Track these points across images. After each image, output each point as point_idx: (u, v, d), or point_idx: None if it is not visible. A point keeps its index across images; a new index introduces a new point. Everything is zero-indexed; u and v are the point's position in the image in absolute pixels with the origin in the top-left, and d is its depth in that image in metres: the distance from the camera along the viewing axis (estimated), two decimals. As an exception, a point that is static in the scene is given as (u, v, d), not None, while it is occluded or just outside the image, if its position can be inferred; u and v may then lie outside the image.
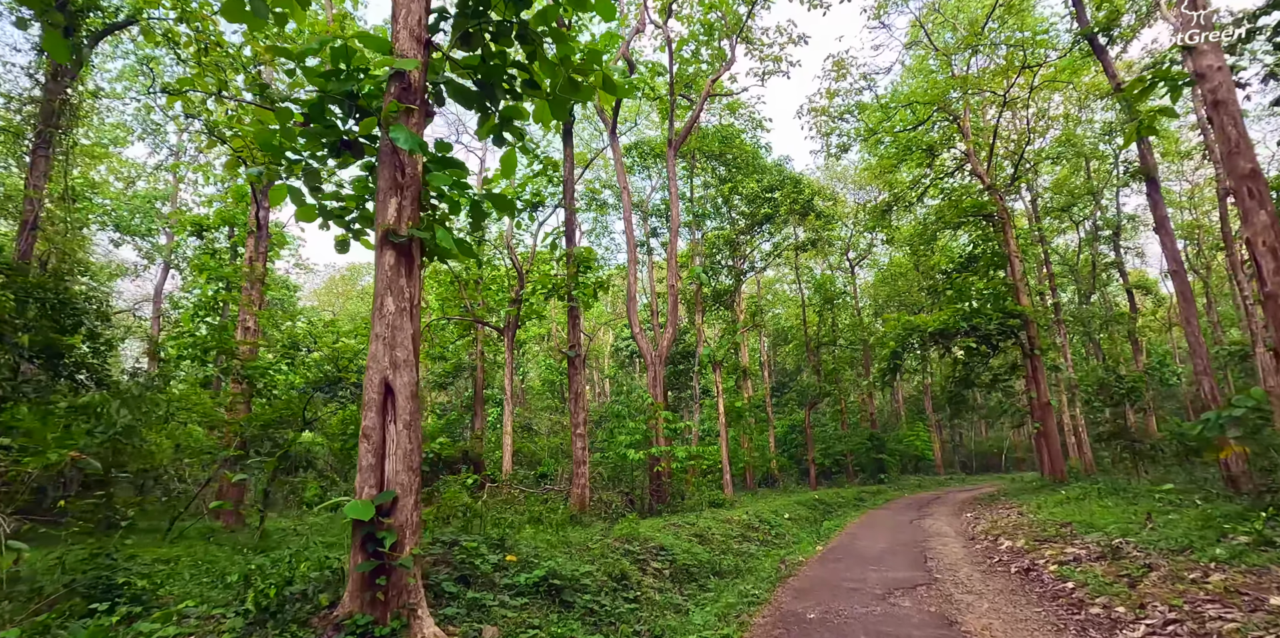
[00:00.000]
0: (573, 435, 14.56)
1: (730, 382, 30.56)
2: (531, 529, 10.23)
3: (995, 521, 13.83)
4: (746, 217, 27.17)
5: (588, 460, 14.47)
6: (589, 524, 12.84)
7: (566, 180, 16.15)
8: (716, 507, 16.32)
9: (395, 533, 4.51)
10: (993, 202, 21.43)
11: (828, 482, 36.89)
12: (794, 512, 17.88)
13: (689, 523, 12.36)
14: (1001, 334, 19.20)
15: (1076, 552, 8.22)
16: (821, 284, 32.70)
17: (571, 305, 15.14)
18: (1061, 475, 19.97)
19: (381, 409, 4.81)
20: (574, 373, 14.85)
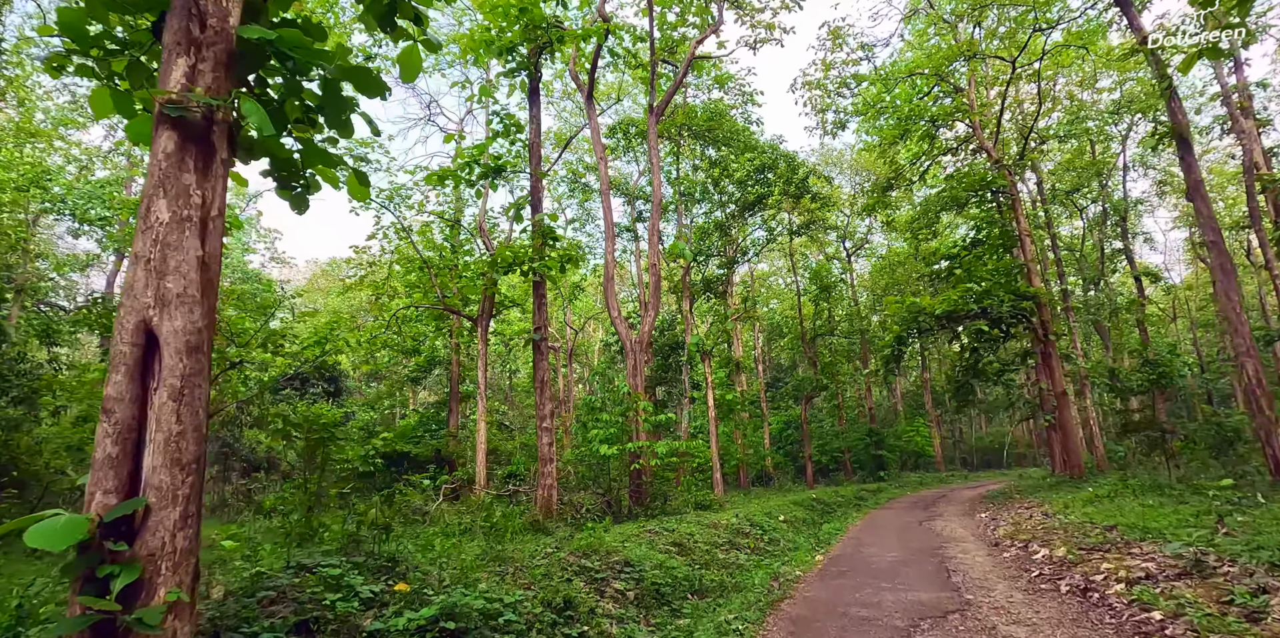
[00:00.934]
0: (538, 430, 12.82)
1: (721, 374, 28.87)
2: (471, 542, 8.50)
3: (1017, 522, 12.16)
4: (737, 202, 25.46)
5: (555, 459, 12.73)
6: (553, 531, 11.11)
7: (532, 143, 14.41)
8: (703, 509, 14.61)
9: (136, 567, 2.75)
10: (1002, 176, 19.79)
11: (825, 480, 35.28)
12: (790, 513, 16.19)
13: (668, 529, 10.65)
14: (1013, 318, 17.56)
15: (1144, 566, 6.53)
16: (818, 272, 31.03)
17: (536, 282, 13.40)
18: (1079, 471, 18.36)
19: (138, 370, 3.05)
20: (539, 359, 13.11)
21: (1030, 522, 11.88)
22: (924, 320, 16.94)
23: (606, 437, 13.39)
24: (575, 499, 13.05)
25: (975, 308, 16.81)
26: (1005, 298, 17.53)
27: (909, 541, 11.49)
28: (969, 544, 10.63)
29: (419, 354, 26.76)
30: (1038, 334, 19.33)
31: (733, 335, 34.24)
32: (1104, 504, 11.90)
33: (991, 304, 16.92)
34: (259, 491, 23.14)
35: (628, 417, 13.72)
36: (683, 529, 10.89)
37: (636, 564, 7.61)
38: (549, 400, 12.97)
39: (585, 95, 17.23)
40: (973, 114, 21.84)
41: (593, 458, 13.10)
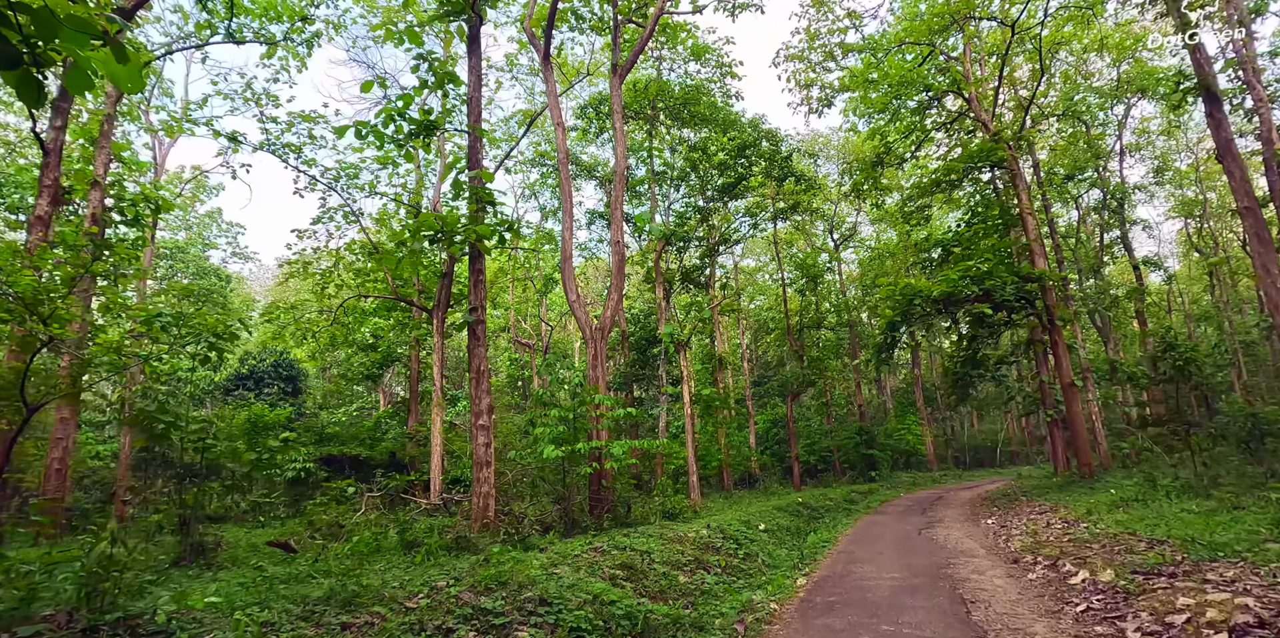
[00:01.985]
0: (472, 428, 10.90)
1: (699, 367, 27.04)
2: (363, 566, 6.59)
3: (1034, 531, 10.39)
4: (717, 188, 23.60)
5: (493, 462, 10.81)
6: (482, 549, 9.20)
7: (471, 97, 12.49)
8: (671, 518, 12.75)
9: None
10: (1001, 149, 18.10)
11: (813, 481, 33.52)
12: (772, 521, 14.36)
13: (620, 546, 8.77)
14: (1017, 302, 15.87)
15: (1241, 601, 4.73)
16: (804, 262, 29.27)
17: (472, 255, 11.49)
18: (1090, 470, 16.68)
19: None
20: (474, 345, 11.19)
21: (1050, 531, 10.11)
22: (920, 304, 15.19)
23: (555, 436, 11.49)
24: (518, 509, 11.13)
25: (977, 290, 15.09)
26: (1008, 280, 15.82)
27: (910, 555, 9.67)
28: (982, 561, 8.82)
29: (375, 350, 24.72)
30: (1042, 321, 17.66)
31: (715, 329, 32.46)
32: (1136, 510, 10.15)
33: (994, 286, 15.21)
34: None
35: (580, 412, 11.83)
36: (639, 545, 9.02)
37: (556, 602, 5.72)
38: (486, 394, 11.05)
39: (542, 56, 15.35)
40: (968, 86, 20.18)
41: (542, 461, 11.19)
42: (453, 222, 10.49)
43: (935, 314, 15.46)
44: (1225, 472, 12.24)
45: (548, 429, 11.40)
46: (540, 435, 11.30)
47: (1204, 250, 40.99)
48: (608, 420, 12.65)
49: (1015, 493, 17.67)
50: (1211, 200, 39.67)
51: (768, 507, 16.46)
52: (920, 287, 15.16)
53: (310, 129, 21.20)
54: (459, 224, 10.46)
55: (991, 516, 14.19)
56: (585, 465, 11.35)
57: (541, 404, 11.85)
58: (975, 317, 16.97)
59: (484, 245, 10.92)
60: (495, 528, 10.27)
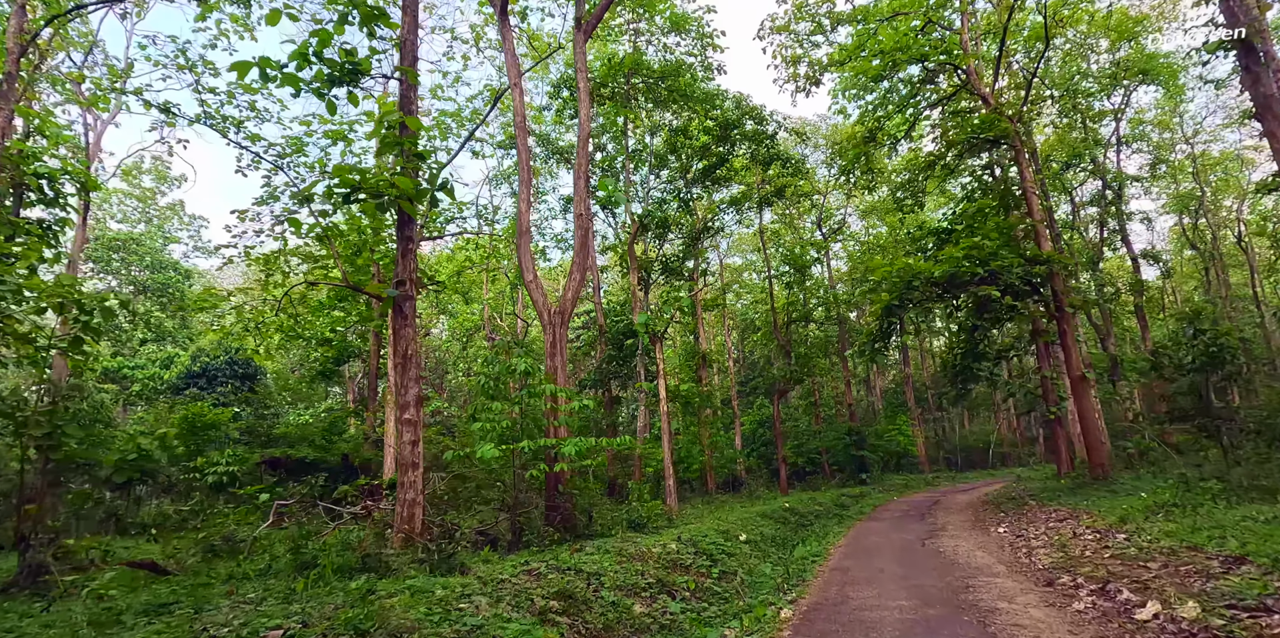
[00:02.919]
0: (397, 424, 9.15)
1: (677, 360, 25.40)
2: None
3: (1061, 543, 8.81)
4: (696, 171, 21.95)
5: (421, 463, 9.06)
6: (397, 570, 7.46)
7: (405, 40, 10.77)
8: (638, 529, 11.05)
9: None
10: (1004, 122, 16.62)
11: (801, 483, 31.94)
12: (755, 529, 12.71)
13: (563, 567, 7.08)
14: (1025, 285, 14.38)
15: None
16: (792, 251, 27.70)
17: (400, 219, 9.77)
18: (1104, 470, 15.18)
19: None
20: (401, 325, 9.45)
21: (1081, 543, 8.52)
22: (920, 287, 13.63)
23: (499, 433, 9.77)
24: (451, 521, 9.38)
25: (982, 272, 13.57)
26: (1015, 262, 14.31)
27: (917, 574, 8.04)
28: (1006, 581, 7.20)
29: (330, 345, 22.81)
30: (1049, 308, 16.18)
31: (699, 325, 30.86)
32: (1182, 517, 8.58)
33: (1000, 267, 13.70)
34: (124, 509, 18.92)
35: (529, 405, 10.12)
36: (588, 565, 7.32)
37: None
38: (415, 383, 9.30)
39: (499, 10, 13.70)
40: (965, 57, 18.73)
41: (480, 463, 9.46)
42: (375, 178, 8.73)
43: (936, 299, 13.90)
44: (1267, 472, 10.74)
45: (490, 425, 9.67)
46: (480, 432, 9.57)
47: (1199, 246, 39.99)
48: (565, 417, 10.93)
49: (1021, 496, 16.15)
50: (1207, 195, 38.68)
51: (751, 513, 14.81)
52: (920, 268, 13.61)
53: (253, 101, 19.44)
54: (380, 180, 8.72)
55: (1001, 522, 12.62)
56: (536, 468, 9.62)
57: (487, 396, 10.13)
58: (978, 302, 15.44)
59: (409, 206, 9.18)
60: (420, 543, 8.51)
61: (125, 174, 47.19)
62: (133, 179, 46.97)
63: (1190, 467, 14.11)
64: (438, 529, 9.09)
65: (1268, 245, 44.14)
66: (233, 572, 7.92)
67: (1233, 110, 37.62)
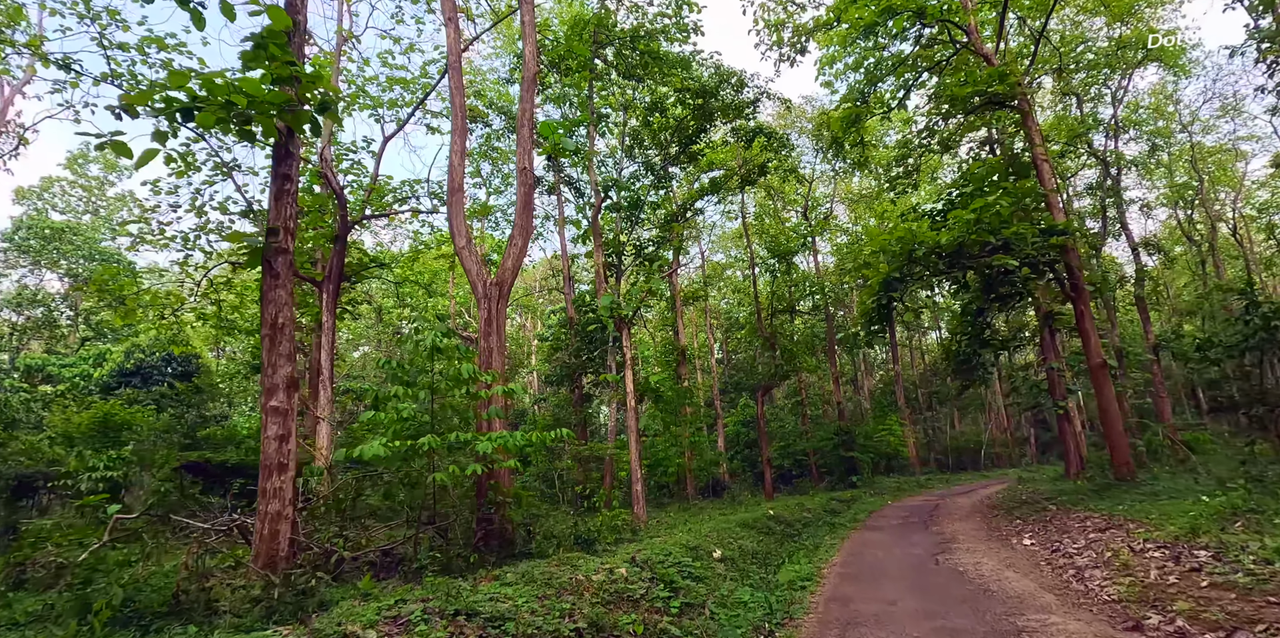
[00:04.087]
0: (262, 413, 7.00)
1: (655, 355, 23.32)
2: None
3: (1121, 563, 6.83)
4: (672, 146, 19.95)
5: (292, 465, 6.90)
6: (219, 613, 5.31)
7: (291, -63, 8.66)
8: (588, 546, 8.93)
9: None
10: (1010, 83, 14.78)
11: (788, 487, 29.98)
12: (733, 543, 10.68)
13: (459, 608, 4.97)
14: (1041, 256, 12.49)
15: None
16: (776, 238, 25.76)
17: (277, 155, 7.64)
18: (1130, 469, 13.31)
19: None
20: (271, 286, 7.29)
21: (1148, 562, 6.54)
22: (923, 258, 11.67)
23: (399, 427, 7.65)
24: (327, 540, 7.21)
25: (994, 240, 11.68)
26: (1029, 231, 12.44)
27: (941, 608, 6.01)
28: (1069, 622, 5.19)
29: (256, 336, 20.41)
30: (1064, 287, 14.34)
31: (678, 319, 28.87)
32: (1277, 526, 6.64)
33: (1014, 236, 11.82)
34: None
35: (442, 391, 8.00)
36: (493, 604, 5.22)
37: None
38: (287, 361, 7.15)
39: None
40: (966, 14, 16.93)
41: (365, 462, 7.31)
42: (254, 91, 6.53)
43: (941, 272, 11.96)
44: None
45: (390, 416, 7.53)
46: (368, 425, 7.46)
47: (1195, 238, 38.69)
48: (495, 408, 8.82)
49: (1035, 500, 14.24)
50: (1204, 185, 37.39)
51: (730, 522, 12.75)
52: (924, 236, 11.70)
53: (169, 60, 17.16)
54: (230, 89, 6.55)
55: (1023, 532, 10.67)
56: (445, 470, 7.48)
57: (398, 381, 7.99)
58: (987, 280, 13.56)
59: (267, 122, 7.00)
60: (283, 572, 6.35)
61: (71, 163, 44.48)
62: (78, 167, 44.26)
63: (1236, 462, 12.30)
64: (313, 552, 6.92)
65: (1263, 239, 43.16)
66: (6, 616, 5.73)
67: (1227, 99, 36.63)
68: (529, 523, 9.47)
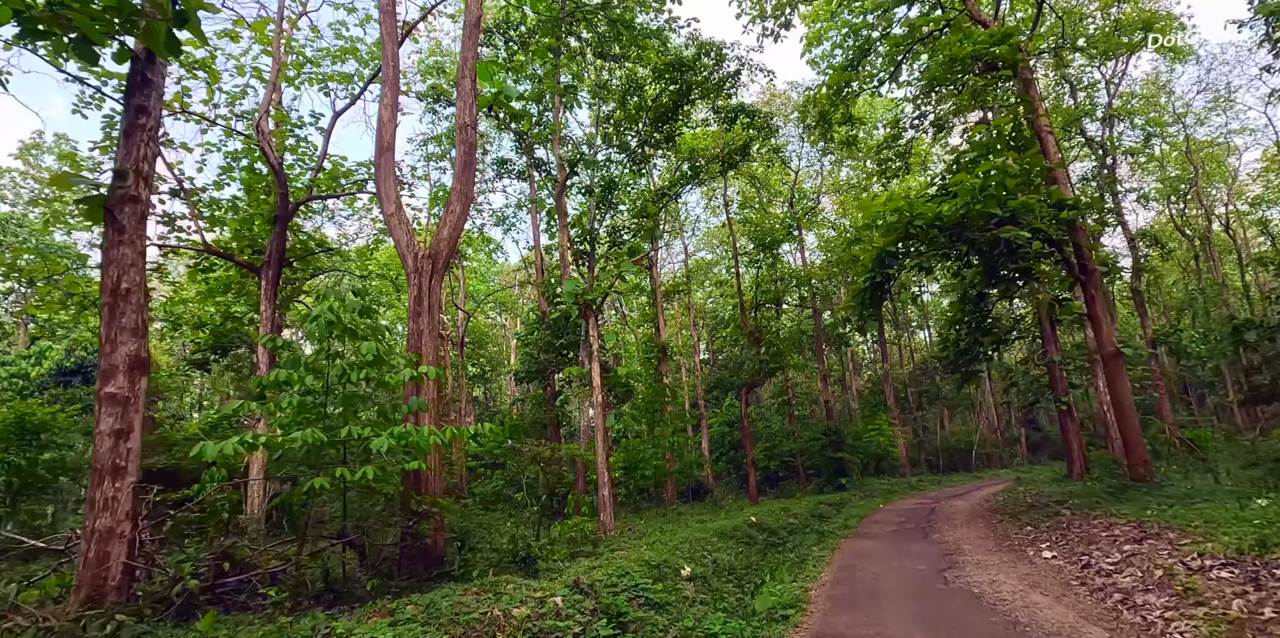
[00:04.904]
0: (97, 401, 5.48)
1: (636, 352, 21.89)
2: None
3: (1186, 589, 5.46)
4: (646, 124, 18.50)
5: (133, 467, 5.39)
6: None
7: None
8: (525, 566, 7.42)
9: None
10: (1010, 48, 13.51)
11: (774, 490, 28.60)
12: (706, 556, 9.24)
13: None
14: (1054, 227, 11.19)
15: None
16: (760, 226, 24.42)
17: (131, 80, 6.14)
18: (1148, 469, 12.05)
19: None
20: (115, 242, 5.74)
21: (1217, 584, 5.18)
22: (922, 231, 10.32)
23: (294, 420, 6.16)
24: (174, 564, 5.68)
25: (1001, 212, 10.37)
26: (1037, 204, 11.16)
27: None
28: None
29: (203, 329, 18.74)
30: (1073, 268, 13.08)
31: (659, 315, 27.45)
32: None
33: (1023, 207, 10.52)
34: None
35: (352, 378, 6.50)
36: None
37: None
38: (131, 337, 5.63)
39: None
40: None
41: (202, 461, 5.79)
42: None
43: (942, 248, 10.59)
44: None
45: (271, 408, 6.02)
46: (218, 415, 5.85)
47: (1189, 233, 37.88)
48: (420, 401, 7.32)
49: (1043, 503, 12.92)
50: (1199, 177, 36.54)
51: (708, 531, 11.32)
52: (923, 207, 10.35)
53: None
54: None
55: (1038, 542, 9.32)
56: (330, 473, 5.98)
57: (301, 366, 6.49)
58: (988, 263, 12.25)
59: (90, 26, 5.48)
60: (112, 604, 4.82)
61: (23, 153, 42.38)
62: (31, 158, 42.18)
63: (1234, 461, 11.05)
64: (159, 579, 5.39)
65: (1256, 233, 42.51)
66: None
67: (1219, 90, 35.87)
68: (461, 537, 7.97)
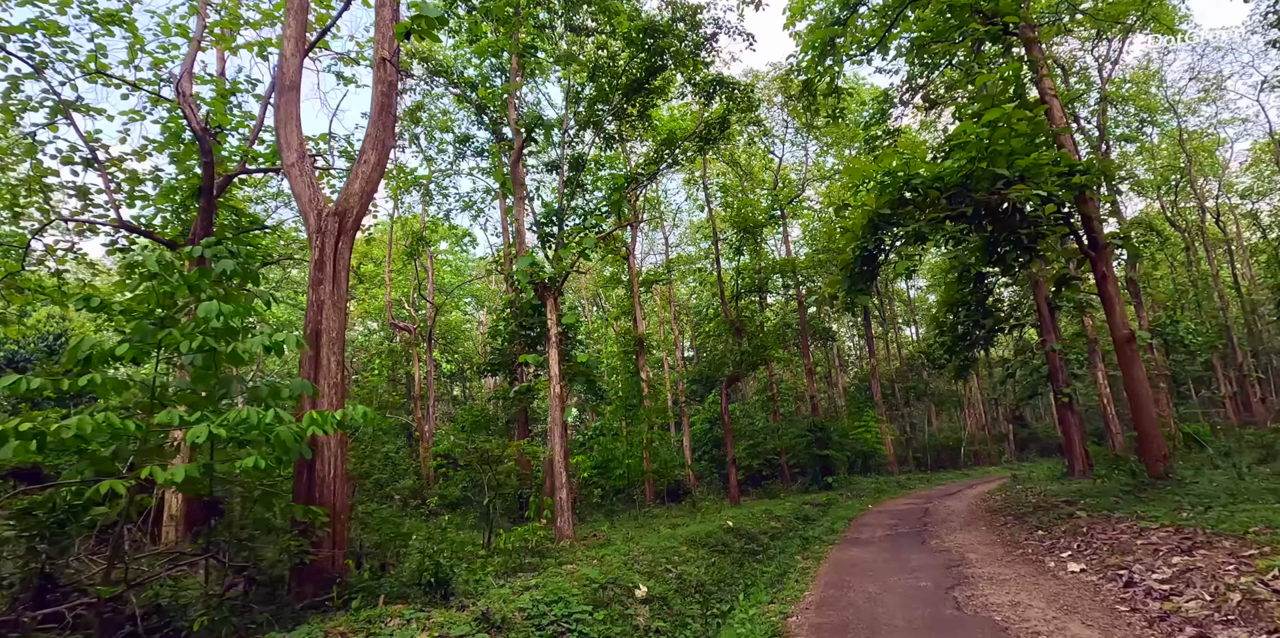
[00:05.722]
0: None
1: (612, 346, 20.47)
2: None
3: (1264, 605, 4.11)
4: (617, 95, 17.01)
5: None
6: None
7: None
8: (441, 585, 5.95)
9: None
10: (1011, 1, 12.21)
11: (757, 489, 27.29)
12: (671, 570, 7.85)
13: None
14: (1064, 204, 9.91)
15: None
16: (739, 210, 23.06)
17: None
18: (1168, 465, 10.79)
19: None
20: None
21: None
22: (919, 194, 8.96)
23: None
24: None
25: (1009, 173, 9.06)
26: (1048, 169, 9.87)
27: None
28: None
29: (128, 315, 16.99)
30: (1081, 243, 11.82)
31: (635, 303, 26.03)
32: None
33: (1032, 167, 9.21)
34: None
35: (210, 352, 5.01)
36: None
37: None
38: None
39: None
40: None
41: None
42: None
43: (945, 211, 9.19)
44: None
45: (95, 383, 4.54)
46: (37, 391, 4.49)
47: (1180, 224, 37.10)
48: (304, 382, 5.81)
49: (1051, 504, 11.66)
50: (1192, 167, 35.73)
51: (676, 539, 9.88)
52: (920, 167, 8.99)
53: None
54: None
55: (1056, 550, 7.99)
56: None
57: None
58: (990, 236, 10.94)
59: None
60: None
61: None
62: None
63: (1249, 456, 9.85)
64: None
65: (1248, 225, 41.95)
66: None
67: (1208, 80, 35.13)
68: (359, 554, 6.48)
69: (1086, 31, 27.38)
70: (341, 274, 7.36)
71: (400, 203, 26.13)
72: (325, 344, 7.07)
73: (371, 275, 33.91)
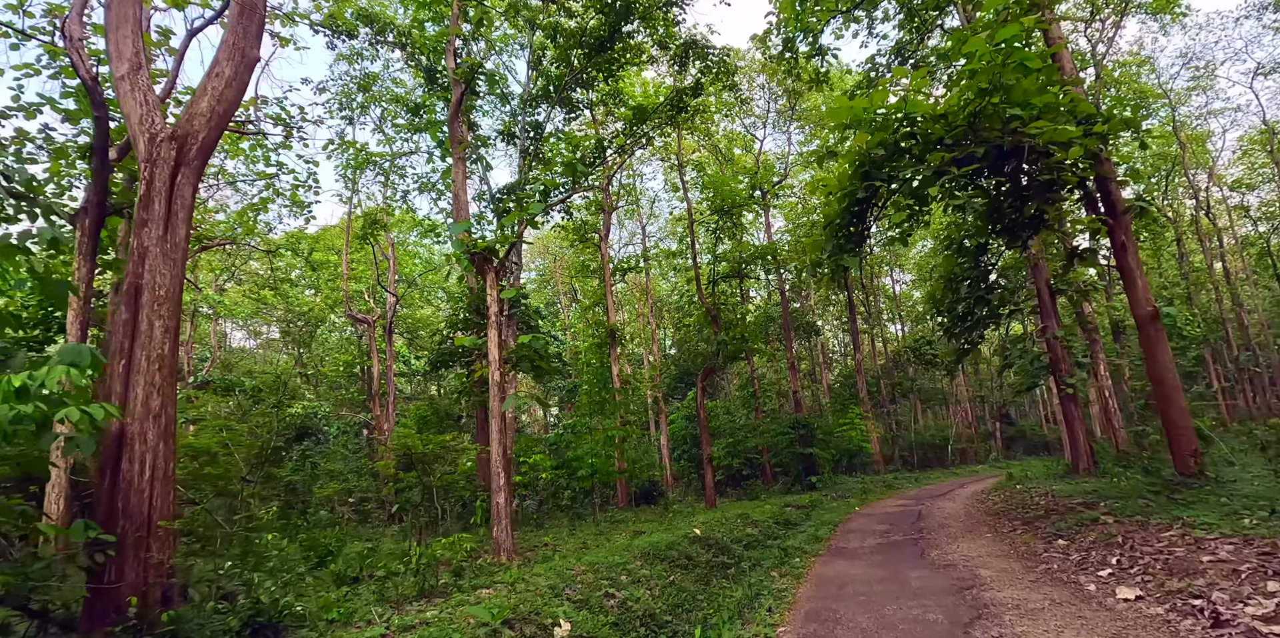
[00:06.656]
0: None
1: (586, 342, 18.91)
2: None
3: None
4: (580, 56, 15.36)
5: None
6: None
7: None
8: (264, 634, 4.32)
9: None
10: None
11: (736, 490, 25.80)
12: (614, 594, 6.23)
13: None
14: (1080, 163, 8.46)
15: None
16: (719, 188, 21.49)
17: None
18: (1199, 462, 9.35)
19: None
20: None
21: None
22: (916, 141, 7.43)
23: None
24: None
25: (1023, 114, 7.54)
26: (1064, 116, 8.41)
27: None
28: None
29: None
30: (1097, 209, 10.39)
31: (607, 292, 24.40)
32: None
33: (1047, 108, 7.74)
34: None
35: None
36: None
37: None
38: None
39: None
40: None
41: None
42: None
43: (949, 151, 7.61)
44: None
45: None
46: None
47: (1172, 216, 36.18)
48: (77, 348, 4.11)
49: (1067, 506, 10.18)
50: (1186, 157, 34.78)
51: (631, 552, 8.25)
52: (918, 106, 7.47)
53: None
54: None
55: (1091, 568, 6.46)
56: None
57: None
58: (993, 200, 9.45)
59: None
60: None
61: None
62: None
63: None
64: None
65: (1239, 216, 41.20)
66: None
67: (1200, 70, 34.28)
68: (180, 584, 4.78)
69: (1082, 13, 26.25)
70: (179, 216, 5.64)
71: (355, 185, 24.25)
72: (148, 304, 5.36)
73: (323, 264, 31.84)
